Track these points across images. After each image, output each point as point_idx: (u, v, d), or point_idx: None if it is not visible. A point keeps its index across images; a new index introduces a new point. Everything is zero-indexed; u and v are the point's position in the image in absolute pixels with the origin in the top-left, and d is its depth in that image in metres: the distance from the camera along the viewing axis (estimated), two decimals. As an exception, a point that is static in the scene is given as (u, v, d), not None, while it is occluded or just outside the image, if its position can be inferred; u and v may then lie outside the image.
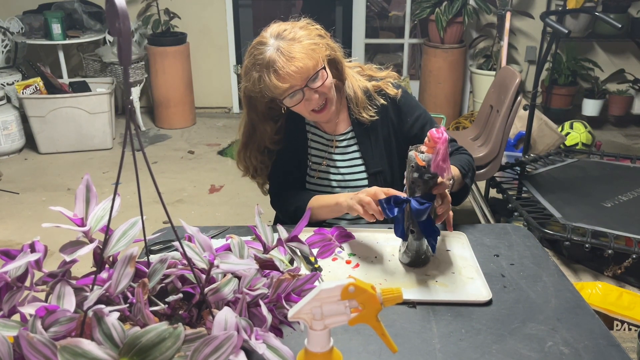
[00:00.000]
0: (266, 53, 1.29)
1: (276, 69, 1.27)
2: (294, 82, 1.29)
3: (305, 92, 1.32)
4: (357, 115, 1.46)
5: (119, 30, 0.65)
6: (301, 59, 1.27)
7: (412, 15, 4.43)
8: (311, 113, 1.38)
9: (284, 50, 1.27)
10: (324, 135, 1.52)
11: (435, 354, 0.95)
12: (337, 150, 1.52)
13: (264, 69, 1.29)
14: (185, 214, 3.11)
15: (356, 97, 1.44)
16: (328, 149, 1.52)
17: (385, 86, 1.48)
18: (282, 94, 1.31)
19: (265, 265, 0.99)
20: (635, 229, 2.25)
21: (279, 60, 1.27)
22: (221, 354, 0.71)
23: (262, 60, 1.29)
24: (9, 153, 3.89)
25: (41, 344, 0.66)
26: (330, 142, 1.52)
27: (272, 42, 1.29)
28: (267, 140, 1.48)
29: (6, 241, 2.82)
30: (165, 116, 4.45)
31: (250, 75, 1.33)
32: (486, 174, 2.54)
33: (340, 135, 1.51)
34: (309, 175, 1.54)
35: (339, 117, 1.50)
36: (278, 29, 1.31)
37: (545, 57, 2.95)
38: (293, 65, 1.27)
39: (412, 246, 1.20)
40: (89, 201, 0.88)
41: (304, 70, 1.28)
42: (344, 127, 1.51)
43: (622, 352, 0.95)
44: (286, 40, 1.29)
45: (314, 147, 1.53)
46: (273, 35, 1.30)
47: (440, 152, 1.06)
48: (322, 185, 1.54)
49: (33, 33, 4.07)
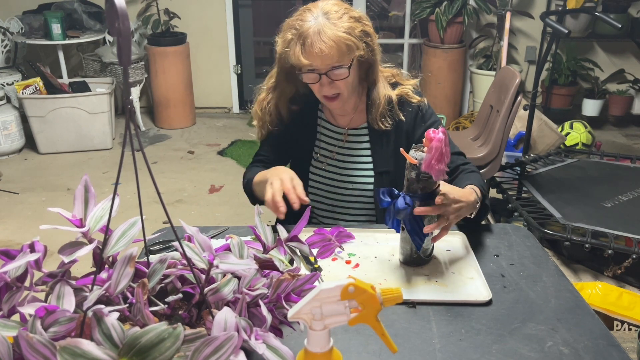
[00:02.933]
0: (307, 23, 1.30)
1: (305, 43, 1.29)
2: (315, 63, 1.30)
3: (322, 77, 1.33)
4: (372, 123, 1.47)
5: (118, 30, 0.65)
6: (331, 47, 1.28)
7: (412, 15, 4.42)
8: (323, 97, 1.40)
9: (322, 30, 1.28)
10: (335, 128, 1.53)
11: (435, 354, 0.95)
12: (347, 144, 1.52)
13: (297, 36, 1.30)
14: (185, 214, 3.11)
15: (378, 104, 1.44)
16: (338, 142, 1.52)
17: (407, 93, 1.48)
18: (300, 66, 1.33)
19: (265, 265, 0.99)
20: (635, 229, 2.25)
21: (312, 36, 1.28)
22: (221, 354, 0.71)
23: (300, 27, 1.30)
24: (8, 153, 3.89)
25: (41, 344, 0.66)
26: (340, 136, 1.52)
27: (319, 16, 1.30)
28: (283, 101, 1.48)
29: (6, 241, 2.82)
30: (165, 116, 4.45)
31: (285, 34, 1.34)
32: (486, 174, 2.54)
33: (354, 129, 1.52)
34: (314, 165, 1.54)
35: (356, 112, 1.50)
36: (330, 7, 1.32)
37: (545, 57, 2.95)
38: (320, 49, 1.28)
39: (404, 243, 1.20)
40: (88, 201, 0.88)
41: (327, 58, 1.29)
42: (359, 122, 1.51)
43: (622, 352, 0.95)
44: (330, 21, 1.29)
45: (322, 140, 1.54)
46: (324, 10, 1.31)
47: (434, 152, 1.05)
48: (326, 177, 1.54)
49: (33, 33, 4.07)
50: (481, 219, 1.37)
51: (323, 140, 1.54)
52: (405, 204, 1.11)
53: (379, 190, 1.16)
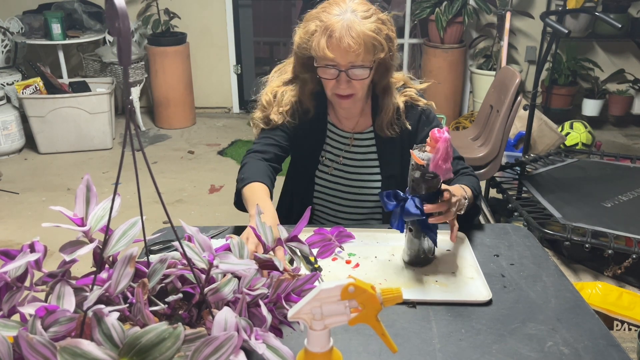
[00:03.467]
0: (334, 17, 1.28)
1: (332, 36, 1.27)
2: (338, 58, 1.29)
3: (341, 74, 1.32)
4: (378, 130, 1.46)
5: (118, 30, 0.65)
6: (359, 44, 1.26)
7: (412, 15, 4.42)
8: (334, 95, 1.38)
9: (351, 26, 1.26)
10: (341, 132, 1.51)
11: (435, 354, 0.95)
12: (353, 148, 1.51)
13: (322, 27, 1.28)
14: (185, 214, 3.11)
15: (386, 112, 1.43)
16: (344, 147, 1.51)
17: (412, 97, 1.47)
18: (322, 59, 1.31)
19: (265, 265, 0.99)
20: (635, 229, 2.25)
21: (340, 31, 1.26)
22: (221, 354, 0.71)
23: (326, 20, 1.29)
24: (9, 153, 3.89)
25: (41, 344, 0.66)
26: (346, 140, 1.51)
27: (347, 11, 1.28)
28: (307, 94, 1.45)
29: (6, 241, 2.82)
30: (165, 116, 4.45)
31: (308, 25, 1.32)
32: (486, 174, 2.54)
33: (359, 134, 1.50)
34: (320, 170, 1.53)
35: (362, 115, 1.49)
36: (358, 5, 1.31)
37: (545, 57, 2.95)
38: (348, 43, 1.26)
39: (411, 244, 1.20)
40: (89, 201, 0.88)
41: (352, 56, 1.28)
42: (364, 126, 1.50)
43: (622, 352, 0.95)
44: (358, 19, 1.28)
45: (328, 144, 1.52)
46: (352, 7, 1.29)
47: (440, 152, 1.06)
48: (332, 181, 1.53)
49: (33, 33, 4.07)
50: (471, 219, 1.39)
51: (330, 145, 1.52)
52: (416, 206, 1.11)
53: (383, 194, 1.17)
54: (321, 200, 1.55)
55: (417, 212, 1.11)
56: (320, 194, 1.55)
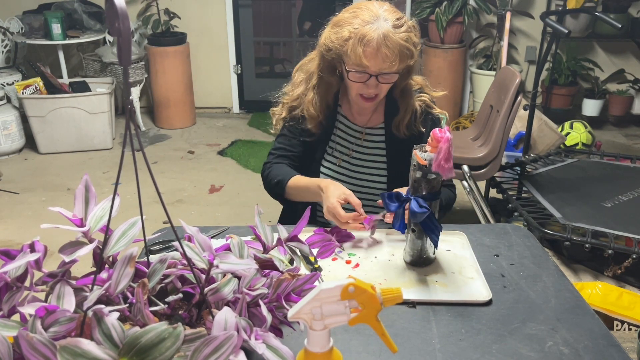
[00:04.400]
0: (368, 25, 1.30)
1: (368, 45, 1.29)
2: (373, 65, 1.32)
3: (371, 78, 1.35)
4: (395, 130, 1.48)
5: (118, 30, 0.65)
6: (395, 54, 1.30)
7: (412, 15, 4.42)
8: (358, 95, 1.41)
9: (387, 36, 1.29)
10: (353, 126, 1.53)
11: (435, 354, 0.95)
12: (364, 142, 1.53)
13: (358, 36, 1.30)
14: (185, 214, 3.11)
15: (405, 113, 1.47)
16: (355, 141, 1.53)
17: (427, 103, 1.51)
18: (356, 64, 1.33)
19: (265, 265, 0.99)
20: (635, 229, 2.25)
21: (378, 40, 1.29)
22: (221, 354, 0.71)
23: (360, 28, 1.31)
24: (9, 153, 3.89)
25: (41, 344, 0.66)
26: (358, 134, 1.53)
27: (379, 19, 1.31)
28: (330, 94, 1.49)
29: (6, 241, 2.82)
30: (165, 116, 4.45)
31: (341, 31, 1.34)
32: (486, 174, 2.54)
33: (371, 129, 1.53)
34: (327, 160, 1.54)
35: (375, 111, 1.51)
36: (389, 13, 1.33)
37: (545, 57, 2.95)
38: (385, 54, 1.30)
39: (414, 245, 1.20)
40: (88, 201, 0.88)
41: (386, 63, 1.31)
42: (376, 122, 1.52)
43: (622, 352, 0.95)
44: (392, 28, 1.30)
45: (339, 136, 1.54)
46: (383, 15, 1.32)
47: (442, 152, 1.06)
48: (338, 173, 1.54)
49: (33, 33, 4.07)
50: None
51: (340, 137, 1.54)
52: (420, 206, 1.11)
53: (384, 195, 1.17)
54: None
55: (424, 211, 1.11)
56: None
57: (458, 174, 2.48)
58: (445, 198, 1.44)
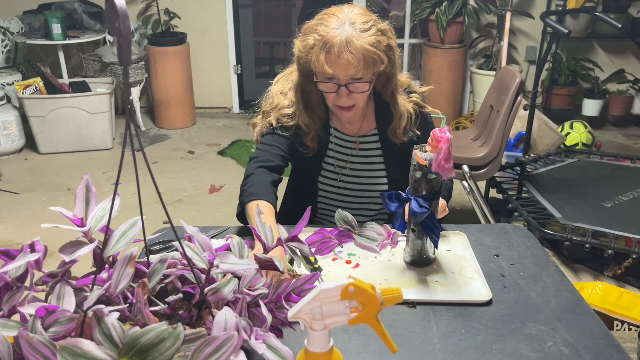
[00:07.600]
0: (332, 30, 1.25)
1: (330, 51, 1.24)
2: (338, 73, 1.26)
3: (341, 88, 1.30)
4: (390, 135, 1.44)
5: (118, 30, 0.65)
6: (358, 59, 1.24)
7: (412, 15, 4.42)
8: (335, 106, 1.36)
9: (350, 41, 1.23)
10: (346, 137, 1.48)
11: (435, 354, 0.95)
12: (360, 152, 1.48)
13: (321, 42, 1.25)
14: (185, 214, 3.11)
15: (400, 119, 1.42)
16: (351, 152, 1.49)
17: (419, 103, 1.46)
18: (320, 73, 1.29)
19: (265, 265, 0.99)
20: (635, 229, 2.25)
21: (339, 46, 1.23)
22: (222, 354, 0.71)
23: (324, 34, 1.25)
24: (9, 153, 3.89)
25: (41, 344, 0.66)
26: (352, 144, 1.48)
27: (345, 24, 1.25)
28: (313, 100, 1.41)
29: (6, 241, 2.82)
30: (165, 116, 4.45)
31: (307, 39, 1.29)
32: (486, 174, 2.54)
33: (364, 137, 1.48)
34: (324, 175, 1.50)
35: (365, 118, 1.47)
36: (357, 16, 1.27)
37: (545, 57, 2.95)
38: (347, 59, 1.23)
39: (414, 245, 1.20)
40: (89, 201, 0.88)
41: (352, 69, 1.25)
42: (368, 129, 1.48)
43: (622, 352, 0.95)
44: (357, 32, 1.24)
45: (334, 150, 1.49)
46: (350, 19, 1.26)
47: (443, 152, 1.06)
48: (339, 187, 1.50)
49: (33, 33, 4.07)
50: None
51: (334, 149, 1.48)
52: (420, 206, 1.11)
53: (384, 195, 1.16)
54: (326, 205, 1.54)
55: (424, 211, 1.11)
56: (326, 199, 1.53)
57: (458, 174, 2.48)
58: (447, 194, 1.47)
